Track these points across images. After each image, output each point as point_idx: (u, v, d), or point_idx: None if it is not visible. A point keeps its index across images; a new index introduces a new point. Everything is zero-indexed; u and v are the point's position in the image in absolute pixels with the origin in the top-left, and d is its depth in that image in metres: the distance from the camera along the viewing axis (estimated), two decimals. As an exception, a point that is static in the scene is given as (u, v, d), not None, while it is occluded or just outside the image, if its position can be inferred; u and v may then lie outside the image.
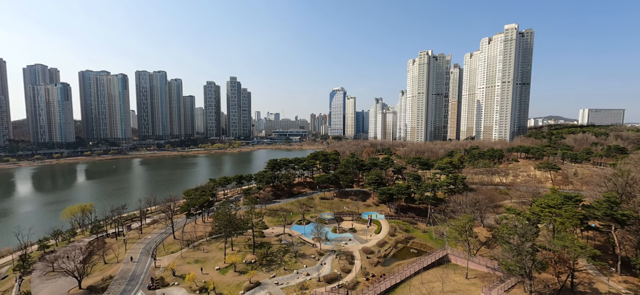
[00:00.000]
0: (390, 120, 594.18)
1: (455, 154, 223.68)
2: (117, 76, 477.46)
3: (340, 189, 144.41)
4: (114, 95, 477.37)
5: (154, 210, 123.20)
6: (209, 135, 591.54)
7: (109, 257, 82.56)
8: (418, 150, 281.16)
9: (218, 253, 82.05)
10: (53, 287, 68.42)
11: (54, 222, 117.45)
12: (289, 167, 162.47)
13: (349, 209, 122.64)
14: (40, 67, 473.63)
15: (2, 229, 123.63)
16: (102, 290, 66.04)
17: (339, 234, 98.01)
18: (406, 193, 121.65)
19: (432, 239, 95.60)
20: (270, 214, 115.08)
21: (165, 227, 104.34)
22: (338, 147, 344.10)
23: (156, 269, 74.67)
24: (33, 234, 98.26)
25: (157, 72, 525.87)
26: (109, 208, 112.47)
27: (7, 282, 75.47)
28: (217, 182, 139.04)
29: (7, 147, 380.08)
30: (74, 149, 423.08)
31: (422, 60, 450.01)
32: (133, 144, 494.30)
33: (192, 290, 63.76)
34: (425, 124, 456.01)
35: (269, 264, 75.57)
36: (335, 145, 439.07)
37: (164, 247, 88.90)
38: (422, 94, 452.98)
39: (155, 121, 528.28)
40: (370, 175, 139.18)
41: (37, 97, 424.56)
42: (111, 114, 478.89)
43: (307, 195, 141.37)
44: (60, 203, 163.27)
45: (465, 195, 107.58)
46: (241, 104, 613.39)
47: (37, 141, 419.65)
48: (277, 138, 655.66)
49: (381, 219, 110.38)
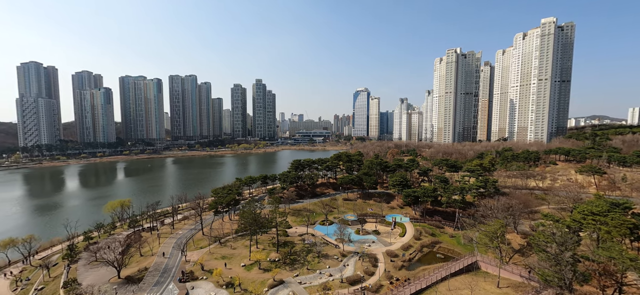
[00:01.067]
0: (416, 121, 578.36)
1: (486, 156, 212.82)
2: (153, 80, 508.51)
3: (364, 191, 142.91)
4: (149, 99, 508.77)
5: (185, 207, 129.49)
6: (235, 136, 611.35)
7: (144, 250, 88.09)
8: (445, 152, 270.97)
9: (244, 250, 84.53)
10: (96, 276, 74.27)
11: (97, 216, 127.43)
12: (312, 167, 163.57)
13: (373, 210, 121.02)
14: (87, 74, 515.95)
15: (54, 221, 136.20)
16: (139, 280, 70.59)
17: (362, 235, 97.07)
18: (432, 196, 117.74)
19: (460, 244, 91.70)
20: (293, 214, 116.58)
21: (194, 223, 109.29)
22: (361, 148, 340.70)
23: (186, 263, 78.47)
24: (79, 226, 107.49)
25: (188, 76, 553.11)
26: (145, 204, 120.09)
27: (57, 268, 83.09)
28: (243, 182, 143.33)
29: (58, 147, 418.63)
30: (115, 148, 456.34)
31: (449, 59, 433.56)
32: (166, 144, 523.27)
33: (219, 285, 66.24)
34: (453, 124, 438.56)
35: (292, 263, 76.60)
36: (359, 146, 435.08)
37: (194, 242, 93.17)
38: (450, 94, 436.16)
39: (187, 122, 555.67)
40: (394, 177, 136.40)
41: (83, 101, 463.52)
42: (147, 116, 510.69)
43: (330, 196, 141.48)
44: (103, 198, 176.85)
45: (496, 200, 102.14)
46: (266, 105, 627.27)
47: (83, 141, 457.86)
48: (300, 139, 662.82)
49: (406, 222, 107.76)
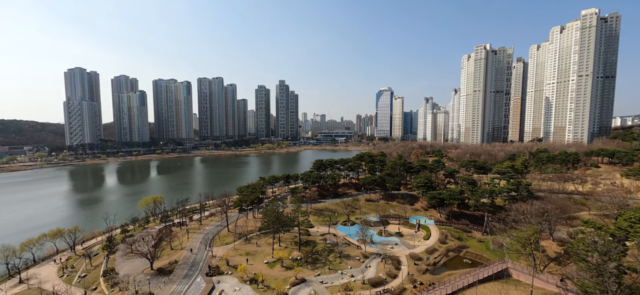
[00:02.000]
0: (442, 121, 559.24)
1: (518, 158, 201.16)
2: (183, 83, 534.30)
3: (387, 192, 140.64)
4: (179, 100, 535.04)
5: (211, 204, 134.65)
6: (259, 136, 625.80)
7: (174, 244, 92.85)
8: (473, 153, 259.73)
9: (267, 248, 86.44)
10: (131, 266, 79.44)
11: (132, 210, 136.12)
12: (334, 167, 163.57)
13: (396, 212, 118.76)
14: (124, 78, 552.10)
15: (95, 214, 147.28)
16: (169, 272, 74.57)
17: (384, 237, 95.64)
18: (459, 198, 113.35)
19: (489, 249, 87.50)
20: (315, 213, 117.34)
21: (220, 220, 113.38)
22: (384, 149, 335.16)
23: (213, 258, 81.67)
24: (117, 220, 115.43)
25: (215, 79, 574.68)
26: (175, 200, 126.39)
27: (98, 258, 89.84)
28: (266, 181, 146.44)
29: (99, 146, 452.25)
30: (148, 147, 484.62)
31: (478, 56, 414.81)
32: (194, 143, 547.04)
33: (244, 281, 68.28)
34: (482, 124, 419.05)
35: (314, 262, 77.18)
36: (382, 146, 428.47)
37: (220, 238, 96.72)
38: (479, 92, 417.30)
39: (213, 123, 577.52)
40: (418, 178, 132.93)
41: (121, 103, 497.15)
42: (177, 117, 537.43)
43: (352, 196, 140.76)
44: (137, 194, 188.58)
45: (530, 204, 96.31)
46: (289, 106, 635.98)
47: (121, 140, 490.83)
48: (322, 139, 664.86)
49: (430, 225, 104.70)
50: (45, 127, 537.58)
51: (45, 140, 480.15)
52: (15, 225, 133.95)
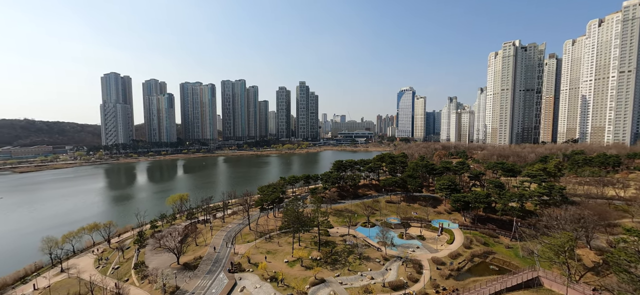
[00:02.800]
0: (466, 121, 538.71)
1: (551, 160, 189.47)
2: (207, 86, 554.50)
3: (408, 193, 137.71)
4: (204, 102, 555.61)
5: (234, 203, 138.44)
6: (280, 137, 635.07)
7: (199, 240, 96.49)
8: (501, 155, 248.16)
9: (287, 247, 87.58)
10: (159, 260, 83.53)
11: (161, 207, 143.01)
12: (354, 168, 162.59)
13: (417, 215, 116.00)
14: (154, 82, 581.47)
15: (127, 210, 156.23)
16: (194, 267, 77.63)
17: (405, 240, 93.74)
18: (485, 202, 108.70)
19: (518, 256, 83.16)
20: (335, 214, 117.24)
21: (242, 218, 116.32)
22: (406, 150, 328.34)
23: (235, 255, 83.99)
24: (147, 216, 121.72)
25: (238, 81, 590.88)
26: (200, 198, 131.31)
27: (129, 251, 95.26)
28: (286, 181, 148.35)
29: (131, 146, 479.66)
30: (176, 147, 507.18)
31: (506, 53, 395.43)
32: (218, 144, 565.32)
33: (264, 278, 69.65)
34: (511, 124, 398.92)
35: (333, 263, 77.18)
36: (403, 147, 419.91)
37: (241, 236, 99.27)
38: (507, 91, 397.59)
39: (236, 124, 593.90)
40: (441, 180, 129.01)
41: (151, 106, 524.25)
42: (202, 118, 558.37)
43: (372, 197, 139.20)
44: (165, 192, 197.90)
45: (564, 209, 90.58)
46: (309, 106, 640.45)
47: (151, 141, 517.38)
48: (342, 139, 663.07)
49: (454, 229, 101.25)
50: (84, 128, 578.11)
51: (84, 140, 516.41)
52: (57, 218, 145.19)
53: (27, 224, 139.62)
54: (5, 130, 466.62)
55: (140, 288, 70.13)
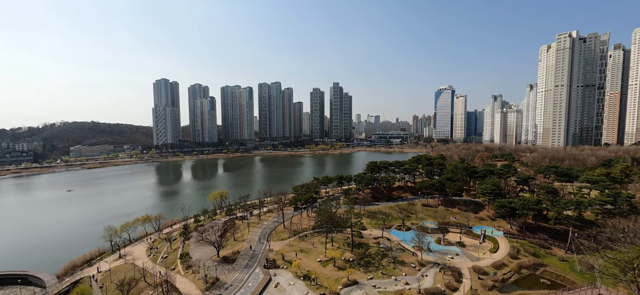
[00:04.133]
0: (513, 121, 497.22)
1: (616, 164, 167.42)
2: (245, 89, 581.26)
3: (446, 197, 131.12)
4: (242, 105, 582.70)
5: (269, 201, 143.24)
6: (313, 137, 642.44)
7: (237, 236, 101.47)
8: (554, 157, 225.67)
9: (320, 246, 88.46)
10: (202, 252, 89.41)
11: (203, 203, 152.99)
12: (388, 170, 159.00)
13: (457, 220, 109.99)
14: (198, 86, 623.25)
15: (174, 204, 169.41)
16: (232, 261, 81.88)
17: (443, 246, 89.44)
18: (535, 209, 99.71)
19: (575, 271, 74.92)
20: (368, 216, 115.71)
21: (277, 216, 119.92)
22: (444, 151, 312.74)
23: (270, 251, 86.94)
24: (191, 210, 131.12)
25: (273, 83, 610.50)
26: (238, 196, 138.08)
27: (176, 243, 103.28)
28: (320, 181, 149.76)
29: (178, 145, 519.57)
30: (216, 147, 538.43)
31: (561, 45, 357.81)
32: (255, 144, 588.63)
33: (297, 276, 71.13)
34: (566, 124, 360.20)
35: (366, 265, 76.29)
36: (441, 148, 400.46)
37: (276, 234, 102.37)
38: (562, 87, 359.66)
39: (272, 125, 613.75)
40: (484, 184, 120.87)
41: (195, 109, 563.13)
42: (241, 120, 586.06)
43: (407, 200, 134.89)
44: (207, 188, 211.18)
45: (632, 220, 79.64)
46: (343, 107, 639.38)
47: (195, 141, 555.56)
48: (376, 140, 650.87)
49: (499, 237, 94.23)
50: (139, 129, 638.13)
51: (139, 140, 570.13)
52: (116, 209, 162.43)
53: (92, 214, 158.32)
54: (76, 132, 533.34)
55: (185, 277, 75.76)
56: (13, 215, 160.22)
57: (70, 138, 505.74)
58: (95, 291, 75.85)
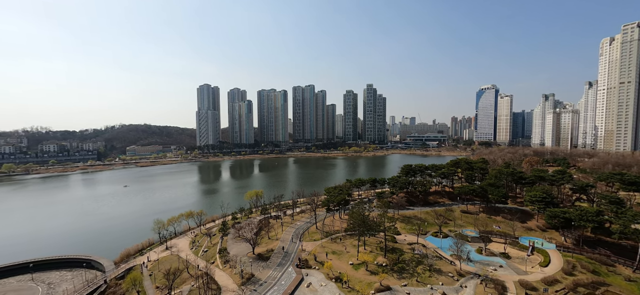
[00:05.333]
0: (567, 122, 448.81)
1: None
2: (280, 92, 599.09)
3: (489, 204, 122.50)
4: (277, 107, 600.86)
5: (302, 202, 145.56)
6: (346, 139, 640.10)
7: (271, 234, 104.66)
8: (619, 163, 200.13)
9: (352, 249, 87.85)
10: (238, 248, 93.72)
11: (240, 201, 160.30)
12: (424, 173, 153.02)
13: (500, 229, 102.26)
14: (236, 90, 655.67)
15: (214, 202, 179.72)
16: (266, 258, 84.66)
17: (485, 256, 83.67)
18: (595, 221, 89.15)
19: (646, 293, 65.47)
20: (402, 220, 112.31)
21: (309, 217, 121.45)
22: (486, 155, 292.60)
23: (302, 251, 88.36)
24: (229, 208, 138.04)
25: (307, 86, 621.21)
26: (272, 195, 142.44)
27: (215, 238, 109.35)
28: (352, 183, 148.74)
29: (218, 146, 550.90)
30: (253, 148, 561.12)
31: (627, 37, 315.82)
32: (289, 145, 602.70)
33: (329, 278, 71.37)
34: (634, 126, 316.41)
35: (400, 271, 74.12)
36: (483, 152, 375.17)
37: (309, 234, 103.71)
38: (628, 84, 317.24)
39: (305, 127, 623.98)
40: (533, 191, 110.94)
41: (234, 111, 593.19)
42: (275, 122, 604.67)
43: (445, 205, 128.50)
44: (243, 188, 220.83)
45: None
46: (376, 109, 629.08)
47: (233, 142, 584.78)
48: (412, 143, 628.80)
49: (550, 250, 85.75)
50: (184, 131, 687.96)
51: (184, 141, 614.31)
52: (163, 204, 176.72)
53: (143, 207, 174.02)
54: (132, 133, 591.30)
55: (223, 271, 79.99)
56: (81, 206, 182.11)
57: (127, 139, 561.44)
58: (145, 278, 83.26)
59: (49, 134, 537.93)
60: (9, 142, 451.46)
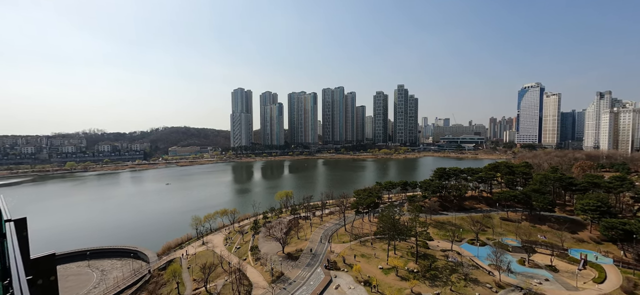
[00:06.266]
0: (628, 123, 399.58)
1: None
2: (310, 94, 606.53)
3: (532, 212, 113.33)
4: (307, 110, 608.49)
5: (331, 204, 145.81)
6: (376, 141, 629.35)
7: (300, 234, 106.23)
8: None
9: (381, 253, 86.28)
10: (269, 247, 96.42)
11: (270, 201, 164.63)
12: (459, 177, 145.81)
13: (546, 239, 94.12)
14: (268, 93, 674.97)
15: (246, 201, 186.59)
16: (296, 258, 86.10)
17: (528, 267, 77.61)
18: (663, 235, 78.44)
19: None
20: (435, 226, 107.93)
21: (338, 219, 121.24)
22: (530, 158, 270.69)
23: (331, 253, 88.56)
24: (260, 207, 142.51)
25: (337, 88, 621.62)
26: (301, 196, 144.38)
27: (247, 236, 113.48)
28: (382, 186, 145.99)
29: (250, 148, 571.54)
30: (283, 150, 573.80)
31: None
32: (318, 147, 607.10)
33: (358, 281, 70.78)
34: None
35: (432, 279, 71.36)
36: (526, 155, 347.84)
37: (337, 236, 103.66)
38: None
39: (335, 129, 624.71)
40: (586, 199, 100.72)
41: (265, 114, 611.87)
42: (305, 124, 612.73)
43: (482, 212, 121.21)
44: (274, 188, 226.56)
45: None
46: (408, 110, 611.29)
47: (264, 143, 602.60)
48: (445, 145, 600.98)
49: (606, 264, 77.22)
50: (219, 133, 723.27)
51: (219, 142, 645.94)
52: (200, 202, 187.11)
53: (182, 204, 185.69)
54: (173, 135, 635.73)
55: (254, 268, 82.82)
56: (129, 202, 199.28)
57: (169, 140, 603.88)
58: (183, 271, 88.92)
59: (103, 135, 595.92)
60: (71, 142, 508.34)
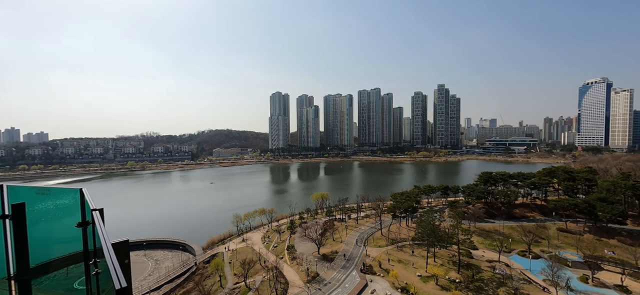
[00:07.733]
0: None
1: None
2: (346, 96, 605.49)
3: (598, 223, 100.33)
4: (343, 112, 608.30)
5: (367, 207, 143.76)
6: (414, 144, 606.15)
7: (335, 236, 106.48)
8: None
9: (419, 260, 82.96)
10: (304, 247, 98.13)
11: (306, 202, 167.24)
12: (508, 182, 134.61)
13: (615, 254, 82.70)
14: (304, 96, 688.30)
15: (283, 201, 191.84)
16: (331, 260, 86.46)
17: (592, 286, 68.90)
18: None
19: None
20: (480, 234, 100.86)
21: (374, 222, 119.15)
22: (594, 163, 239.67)
23: (366, 256, 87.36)
24: (296, 207, 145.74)
25: (373, 90, 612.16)
26: (337, 198, 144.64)
27: (284, 235, 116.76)
28: (421, 190, 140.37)
29: (287, 149, 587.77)
30: (319, 152, 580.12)
31: None
32: (354, 149, 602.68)
33: (395, 287, 68.87)
34: None
35: (477, 291, 66.82)
36: (590, 159, 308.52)
37: (373, 240, 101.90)
38: None
39: (371, 131, 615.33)
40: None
41: (302, 117, 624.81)
42: (341, 126, 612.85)
43: (535, 221, 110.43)
44: (310, 189, 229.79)
45: None
46: (449, 111, 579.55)
47: (301, 145, 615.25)
48: (492, 147, 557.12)
49: (695, 289, 65.49)
50: (258, 135, 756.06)
51: (258, 144, 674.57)
52: (241, 200, 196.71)
53: (224, 202, 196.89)
54: (217, 137, 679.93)
55: (291, 267, 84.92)
56: (178, 198, 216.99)
57: (213, 142, 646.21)
58: (225, 265, 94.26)
59: (157, 137, 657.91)
60: (131, 144, 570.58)
